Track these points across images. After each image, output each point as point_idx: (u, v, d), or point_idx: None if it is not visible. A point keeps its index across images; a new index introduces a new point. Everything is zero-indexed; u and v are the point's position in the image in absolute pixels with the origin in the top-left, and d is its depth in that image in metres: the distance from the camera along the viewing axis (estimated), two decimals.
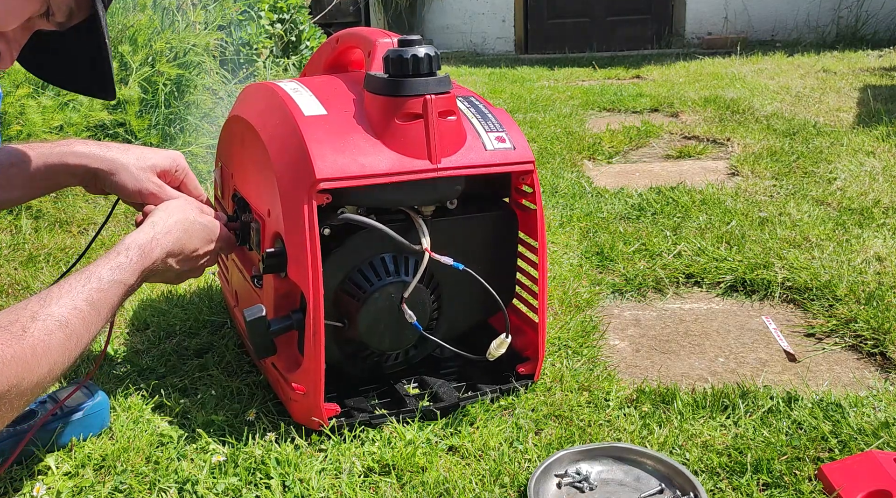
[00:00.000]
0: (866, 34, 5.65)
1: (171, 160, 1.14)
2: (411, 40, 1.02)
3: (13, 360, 0.75)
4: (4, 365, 0.74)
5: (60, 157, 1.10)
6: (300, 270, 0.98)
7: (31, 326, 0.79)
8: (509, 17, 6.48)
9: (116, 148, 1.12)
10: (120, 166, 1.10)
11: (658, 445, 1.01)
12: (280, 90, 1.09)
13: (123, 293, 0.92)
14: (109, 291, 0.89)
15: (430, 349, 1.16)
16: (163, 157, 1.14)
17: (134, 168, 1.10)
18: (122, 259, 0.93)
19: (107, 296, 0.89)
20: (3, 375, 0.73)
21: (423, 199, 1.05)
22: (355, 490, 0.94)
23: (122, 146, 1.13)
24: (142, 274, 0.95)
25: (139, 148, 1.14)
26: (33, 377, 0.77)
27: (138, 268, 0.94)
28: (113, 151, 1.11)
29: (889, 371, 1.22)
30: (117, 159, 1.10)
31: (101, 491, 0.95)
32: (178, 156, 1.16)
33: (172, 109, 2.51)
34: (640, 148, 2.80)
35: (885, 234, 1.73)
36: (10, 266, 1.68)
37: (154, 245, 0.97)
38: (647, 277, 1.57)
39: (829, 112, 3.14)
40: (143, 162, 1.11)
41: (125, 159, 1.10)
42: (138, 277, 0.95)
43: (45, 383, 0.79)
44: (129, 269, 0.93)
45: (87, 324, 0.85)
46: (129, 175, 1.10)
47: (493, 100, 3.83)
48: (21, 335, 0.77)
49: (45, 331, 0.79)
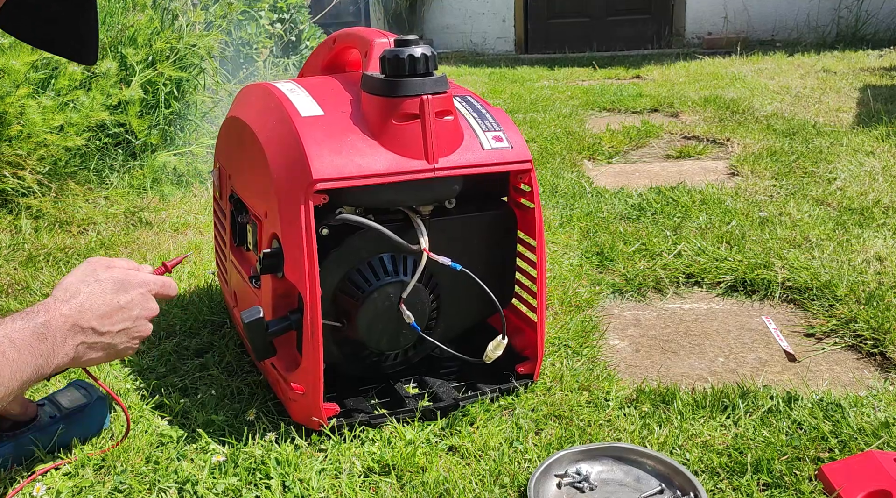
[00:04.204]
0: (866, 34, 5.64)
1: None
2: (408, 40, 1.02)
3: None
4: None
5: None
6: (297, 271, 0.98)
7: None
8: (509, 16, 6.48)
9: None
10: None
11: (658, 445, 1.01)
12: (277, 91, 1.09)
13: (40, 342, 0.84)
14: (24, 334, 0.83)
15: (429, 349, 1.16)
16: None
17: None
18: (28, 311, 0.87)
19: (24, 337, 0.83)
20: None
21: (421, 199, 1.05)
22: (355, 490, 0.94)
23: None
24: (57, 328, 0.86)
25: None
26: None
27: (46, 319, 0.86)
28: None
29: (889, 371, 1.22)
30: None
31: (101, 491, 0.94)
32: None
33: (172, 109, 2.51)
34: (640, 148, 2.80)
35: (885, 234, 1.72)
36: (10, 266, 1.68)
37: (58, 301, 0.88)
38: (647, 277, 1.57)
39: (829, 112, 3.14)
40: None
41: None
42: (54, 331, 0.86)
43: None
44: (40, 318, 0.86)
45: (9, 359, 0.81)
46: None
47: (492, 100, 3.83)
48: None
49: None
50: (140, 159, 2.38)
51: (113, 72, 2.26)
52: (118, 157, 2.34)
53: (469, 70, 5.27)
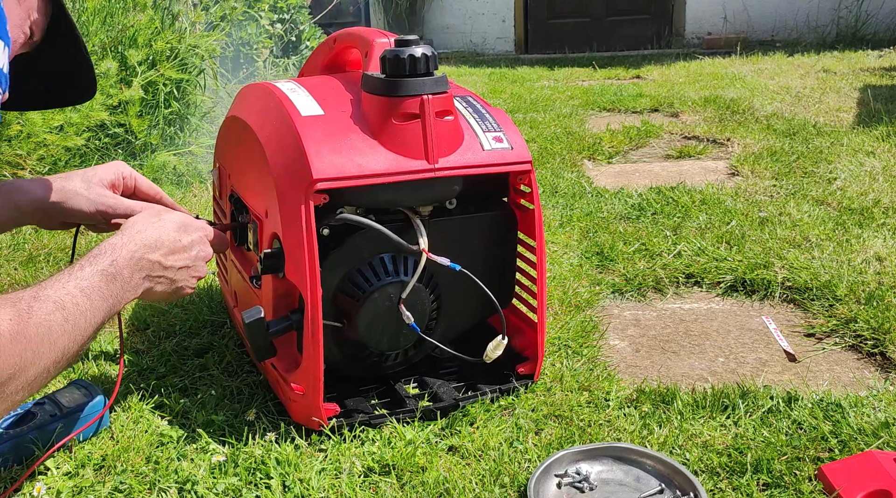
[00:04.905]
0: (866, 34, 5.64)
1: (114, 171, 1.13)
2: (408, 40, 1.02)
3: (20, 336, 0.77)
4: (12, 340, 0.76)
5: (7, 196, 1.08)
6: (298, 271, 0.98)
7: (35, 305, 0.81)
8: (509, 17, 6.48)
9: (60, 178, 1.10)
10: (69, 193, 1.09)
11: (658, 445, 1.01)
12: (277, 90, 1.09)
13: (109, 283, 0.90)
14: (93, 280, 0.88)
15: (429, 349, 1.16)
16: (105, 170, 1.12)
17: (83, 190, 1.09)
18: (95, 253, 0.92)
19: (92, 284, 0.88)
20: (9, 350, 0.75)
21: (421, 199, 1.05)
22: (355, 490, 0.94)
23: (63, 175, 1.11)
24: (124, 266, 0.92)
25: (79, 171, 1.12)
26: (37, 358, 0.79)
27: (113, 259, 0.92)
28: (57, 182, 1.10)
29: (889, 371, 1.22)
30: (64, 187, 1.09)
31: (101, 491, 0.94)
32: (120, 164, 1.14)
33: (172, 109, 2.51)
34: (640, 148, 2.80)
35: (885, 234, 1.72)
36: (10, 266, 1.69)
37: (126, 240, 0.95)
38: (647, 277, 1.57)
39: (829, 112, 3.14)
40: (89, 181, 1.10)
41: (71, 185, 1.09)
42: (121, 268, 0.92)
43: (48, 366, 0.81)
44: (107, 259, 0.91)
45: (82, 310, 0.85)
46: (81, 198, 1.09)
47: (492, 100, 3.83)
48: (28, 312, 0.79)
49: (45, 311, 0.81)
50: (140, 159, 2.38)
51: (113, 72, 2.26)
52: (118, 158, 2.34)
53: (469, 70, 5.27)
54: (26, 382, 0.79)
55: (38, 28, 0.87)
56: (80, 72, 0.98)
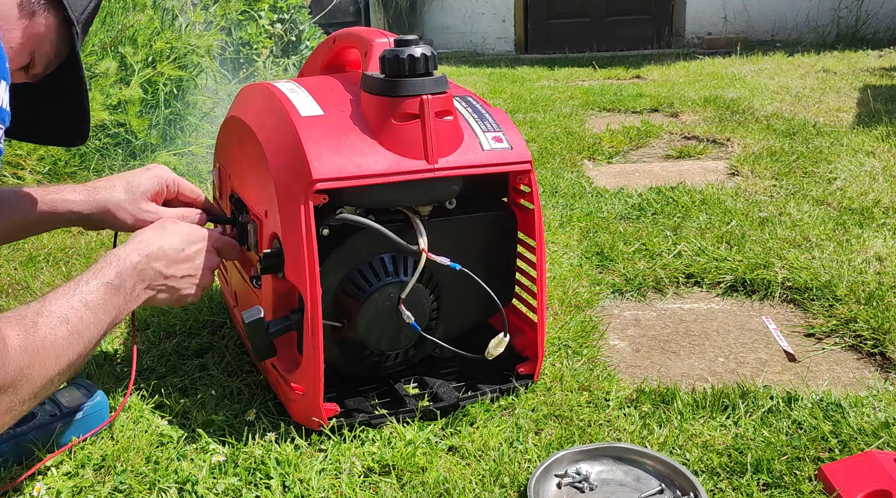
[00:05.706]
0: (866, 34, 5.64)
1: (158, 181, 1.14)
2: (408, 40, 1.02)
3: (27, 350, 0.79)
4: (20, 353, 0.79)
5: (51, 205, 1.10)
6: (297, 271, 0.98)
7: (40, 321, 0.83)
8: (509, 17, 6.48)
9: (103, 187, 1.12)
10: (113, 206, 1.11)
11: (658, 445, 1.01)
12: (277, 90, 1.09)
13: (113, 296, 0.93)
14: (98, 293, 0.91)
15: (429, 349, 1.16)
16: (148, 179, 1.14)
17: (126, 203, 1.11)
18: (100, 265, 0.95)
19: (97, 298, 0.91)
20: (17, 364, 0.78)
21: (420, 199, 1.05)
22: (355, 490, 0.94)
23: (107, 183, 1.13)
24: (127, 277, 0.96)
25: (124, 178, 1.14)
26: (43, 370, 0.81)
27: (118, 270, 0.95)
28: (101, 193, 1.11)
29: (889, 371, 1.22)
30: (108, 200, 1.11)
31: (101, 491, 0.94)
32: (162, 170, 1.16)
33: (172, 109, 2.51)
34: (640, 148, 2.80)
35: (885, 234, 1.72)
36: (10, 266, 1.69)
37: (129, 251, 0.98)
38: (647, 277, 1.57)
39: (829, 112, 3.14)
40: (133, 192, 1.12)
41: (115, 197, 1.11)
42: (125, 279, 0.95)
43: (53, 377, 0.83)
44: (112, 272, 0.94)
45: (87, 323, 0.88)
46: (124, 212, 1.11)
47: (492, 100, 3.83)
48: (33, 327, 0.82)
49: (50, 325, 0.84)
50: (140, 159, 2.38)
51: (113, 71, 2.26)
52: (118, 157, 2.34)
53: (469, 70, 5.27)
54: (33, 393, 0.81)
55: (41, 61, 0.88)
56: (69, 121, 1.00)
